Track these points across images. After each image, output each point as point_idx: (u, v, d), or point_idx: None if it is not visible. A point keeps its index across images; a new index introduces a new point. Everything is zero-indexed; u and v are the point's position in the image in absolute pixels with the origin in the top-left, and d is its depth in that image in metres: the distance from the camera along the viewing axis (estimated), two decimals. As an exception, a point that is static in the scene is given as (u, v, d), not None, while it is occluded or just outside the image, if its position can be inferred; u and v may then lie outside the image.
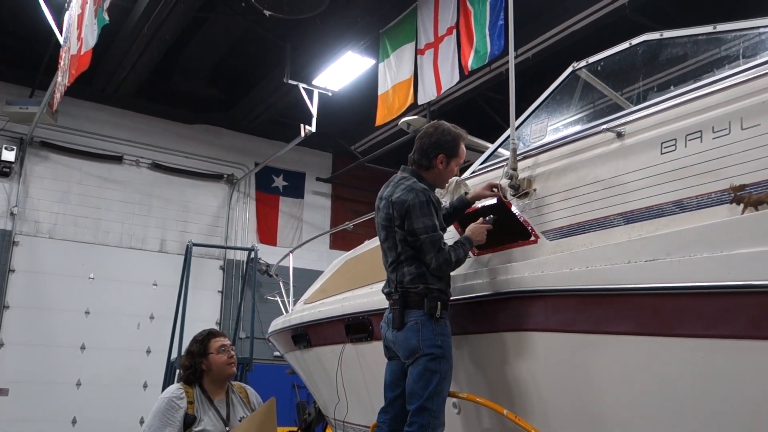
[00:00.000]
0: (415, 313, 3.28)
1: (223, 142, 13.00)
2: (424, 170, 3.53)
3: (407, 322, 3.29)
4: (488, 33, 7.07)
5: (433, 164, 3.52)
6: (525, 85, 4.16)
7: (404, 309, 3.32)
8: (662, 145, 2.88)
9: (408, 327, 3.28)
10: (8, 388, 10.30)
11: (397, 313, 3.33)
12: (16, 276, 10.77)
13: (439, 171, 3.54)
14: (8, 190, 10.92)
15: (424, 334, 3.23)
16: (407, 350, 3.27)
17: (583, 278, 2.95)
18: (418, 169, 3.55)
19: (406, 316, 3.30)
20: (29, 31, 10.22)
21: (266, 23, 9.21)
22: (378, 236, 3.63)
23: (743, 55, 2.93)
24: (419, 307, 3.28)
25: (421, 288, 3.30)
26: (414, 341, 3.24)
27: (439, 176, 3.57)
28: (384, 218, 3.47)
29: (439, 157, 3.51)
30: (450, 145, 3.53)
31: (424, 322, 3.25)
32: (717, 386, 2.51)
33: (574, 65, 3.82)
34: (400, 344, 3.32)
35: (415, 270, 3.32)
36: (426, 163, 3.52)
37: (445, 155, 3.52)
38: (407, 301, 3.31)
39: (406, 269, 3.34)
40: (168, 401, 3.68)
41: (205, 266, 12.06)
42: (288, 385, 10.86)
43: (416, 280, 3.31)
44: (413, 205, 3.31)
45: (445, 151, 3.52)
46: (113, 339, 11.17)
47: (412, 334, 3.26)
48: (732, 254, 2.40)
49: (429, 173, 3.54)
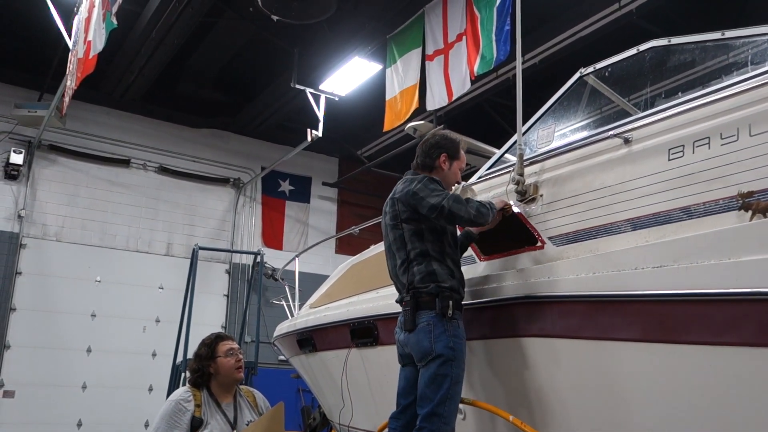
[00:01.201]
0: (426, 314, 3.25)
1: (229, 147, 13.04)
2: (428, 172, 3.56)
3: (419, 323, 3.26)
4: (495, 38, 7.06)
5: (437, 164, 3.55)
6: (532, 90, 4.15)
7: (416, 310, 3.28)
8: (670, 151, 2.87)
9: (420, 328, 3.25)
10: (14, 391, 10.33)
11: (409, 314, 3.30)
12: (23, 278, 10.81)
13: (443, 171, 3.56)
14: (16, 192, 10.97)
15: (436, 336, 3.20)
16: (420, 352, 3.24)
17: (589, 285, 2.94)
18: (421, 172, 3.57)
19: (417, 317, 3.27)
20: (38, 34, 10.28)
21: (273, 28, 9.23)
22: (384, 241, 3.62)
23: (751, 62, 2.92)
24: (431, 308, 3.25)
25: (432, 287, 3.27)
26: (426, 343, 3.20)
27: (444, 178, 3.57)
28: (391, 218, 3.48)
29: (441, 157, 3.55)
30: (451, 146, 3.60)
31: (435, 323, 3.22)
32: (724, 394, 2.49)
33: (582, 71, 3.82)
34: (412, 346, 3.29)
35: (425, 268, 3.30)
36: (429, 163, 3.56)
37: (447, 155, 3.57)
38: (418, 302, 3.29)
39: (416, 268, 3.32)
40: (176, 404, 3.69)
41: (211, 270, 12.10)
42: (293, 390, 10.82)
43: (426, 279, 3.28)
44: (419, 188, 3.33)
45: (446, 150, 3.57)
46: (119, 342, 11.19)
47: (424, 336, 3.22)
48: (740, 261, 2.39)
49: (434, 175, 3.55)
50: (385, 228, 3.58)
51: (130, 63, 10.35)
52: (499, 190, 3.69)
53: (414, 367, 3.36)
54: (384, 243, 3.64)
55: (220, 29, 10.27)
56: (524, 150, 3.58)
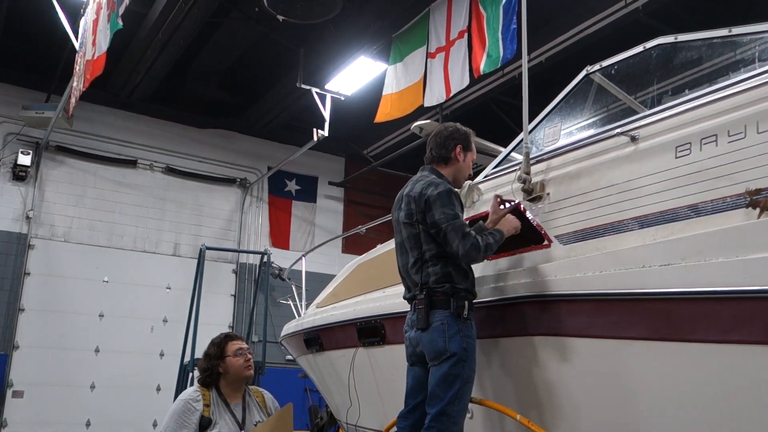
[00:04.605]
0: (441, 314, 3.22)
1: (236, 147, 13.07)
2: (443, 165, 3.55)
3: (433, 322, 3.23)
4: (501, 37, 7.04)
5: (453, 155, 3.55)
6: (538, 89, 4.15)
7: (430, 309, 3.25)
8: (677, 149, 2.85)
9: (434, 327, 3.22)
10: (23, 391, 10.39)
11: (423, 313, 3.26)
12: (31, 279, 10.87)
13: (458, 163, 3.57)
14: (24, 194, 11.03)
15: (450, 335, 3.17)
16: (433, 352, 3.21)
17: (596, 283, 2.93)
18: (437, 165, 3.57)
19: (431, 316, 3.24)
20: (45, 36, 10.34)
21: (279, 28, 9.24)
22: (396, 236, 3.58)
23: (759, 59, 2.90)
24: (445, 307, 3.22)
25: (448, 287, 3.24)
26: (440, 343, 3.17)
27: (458, 170, 3.58)
28: (405, 215, 3.44)
29: (457, 148, 3.55)
30: (465, 137, 3.61)
31: (450, 323, 3.20)
32: (733, 392, 2.48)
33: (588, 69, 3.81)
34: (425, 345, 3.25)
35: (441, 270, 3.27)
36: (445, 155, 3.55)
37: (462, 146, 3.57)
38: (433, 301, 3.25)
39: (431, 269, 3.29)
40: (184, 403, 3.72)
41: (218, 270, 12.13)
42: (300, 389, 10.87)
43: (441, 280, 3.26)
44: (433, 197, 3.30)
45: (461, 141, 3.58)
46: (127, 342, 11.24)
47: (438, 336, 3.19)
48: (747, 259, 2.38)
49: (448, 168, 3.55)
50: (397, 223, 3.54)
51: (136, 64, 10.38)
52: (505, 189, 3.68)
53: (423, 367, 3.34)
54: (395, 238, 3.61)
55: (226, 30, 10.29)
56: (530, 148, 3.57)
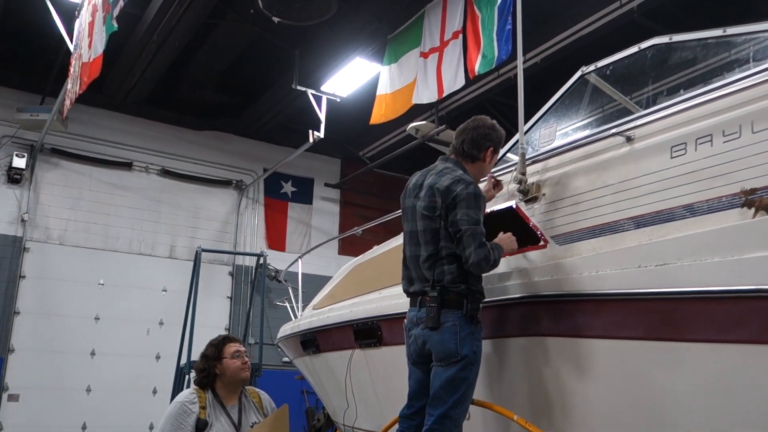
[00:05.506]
0: (453, 314, 3.15)
1: (231, 149, 13.04)
2: (469, 162, 3.47)
3: (444, 322, 3.14)
4: (496, 37, 7.04)
5: (482, 156, 3.47)
6: (533, 89, 4.13)
7: (441, 308, 3.17)
8: (672, 149, 2.86)
9: (445, 328, 3.14)
10: (19, 394, 10.34)
11: (434, 311, 3.16)
12: (26, 282, 10.82)
13: (485, 164, 3.51)
14: (19, 196, 10.98)
15: (462, 338, 3.11)
16: (442, 353, 3.14)
17: (592, 283, 2.94)
18: (463, 160, 3.48)
19: (443, 315, 3.15)
20: (40, 38, 10.30)
21: (275, 30, 9.23)
22: (406, 224, 3.48)
23: (753, 58, 2.91)
24: (458, 308, 3.15)
25: (463, 288, 3.18)
26: (451, 345, 3.11)
27: (482, 170, 3.52)
28: (426, 207, 3.32)
29: (489, 150, 3.48)
30: (498, 140, 3.53)
31: (462, 325, 3.14)
32: (728, 391, 2.49)
33: (583, 69, 3.82)
34: (434, 345, 3.18)
35: (457, 270, 3.19)
36: (476, 154, 3.46)
37: (493, 149, 3.51)
38: (445, 300, 3.17)
39: (447, 267, 3.20)
40: (180, 406, 3.71)
41: (214, 272, 12.09)
42: (297, 391, 10.86)
43: (458, 280, 3.18)
44: (461, 195, 3.19)
45: (494, 144, 3.50)
46: (123, 345, 11.19)
47: (450, 337, 3.12)
48: (743, 258, 2.39)
49: (474, 166, 3.47)
50: (412, 212, 3.43)
51: (131, 66, 10.35)
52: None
53: (425, 367, 3.28)
54: (405, 226, 3.50)
55: (222, 31, 10.27)
56: (526, 149, 3.58)
